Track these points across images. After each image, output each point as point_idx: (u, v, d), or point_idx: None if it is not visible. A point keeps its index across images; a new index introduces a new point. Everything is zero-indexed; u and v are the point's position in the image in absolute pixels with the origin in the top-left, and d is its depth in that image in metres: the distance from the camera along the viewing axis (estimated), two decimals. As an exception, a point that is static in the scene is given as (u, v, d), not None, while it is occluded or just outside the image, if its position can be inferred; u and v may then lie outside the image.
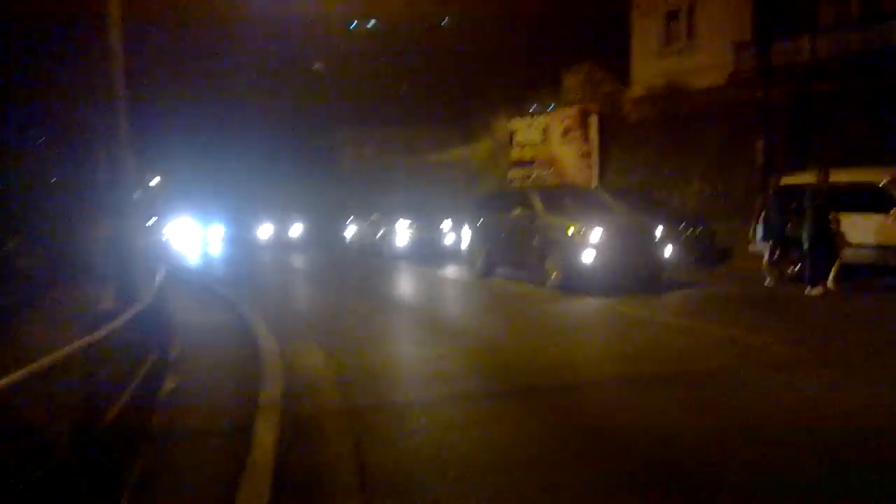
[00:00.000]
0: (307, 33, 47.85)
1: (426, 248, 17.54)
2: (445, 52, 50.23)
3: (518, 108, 24.42)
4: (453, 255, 16.40)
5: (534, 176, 22.37)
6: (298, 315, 10.05)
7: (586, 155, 20.61)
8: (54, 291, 12.66)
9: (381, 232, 18.92)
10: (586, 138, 20.60)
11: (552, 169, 21.69)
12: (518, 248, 11.76)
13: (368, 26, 59.32)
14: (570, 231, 10.35)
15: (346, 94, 48.08)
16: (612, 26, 23.58)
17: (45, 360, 2.86)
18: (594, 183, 20.01)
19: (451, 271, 14.90)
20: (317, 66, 50.22)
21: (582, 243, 10.13)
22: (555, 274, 10.53)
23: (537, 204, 11.39)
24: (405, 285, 14.29)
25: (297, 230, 26.82)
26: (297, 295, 13.65)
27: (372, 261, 18.14)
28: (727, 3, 20.16)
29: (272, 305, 10.71)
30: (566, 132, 21.26)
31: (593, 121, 20.47)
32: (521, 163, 22.94)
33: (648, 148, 19.73)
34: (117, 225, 6.98)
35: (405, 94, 52.17)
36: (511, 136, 23.36)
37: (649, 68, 22.35)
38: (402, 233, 18.00)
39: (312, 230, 26.18)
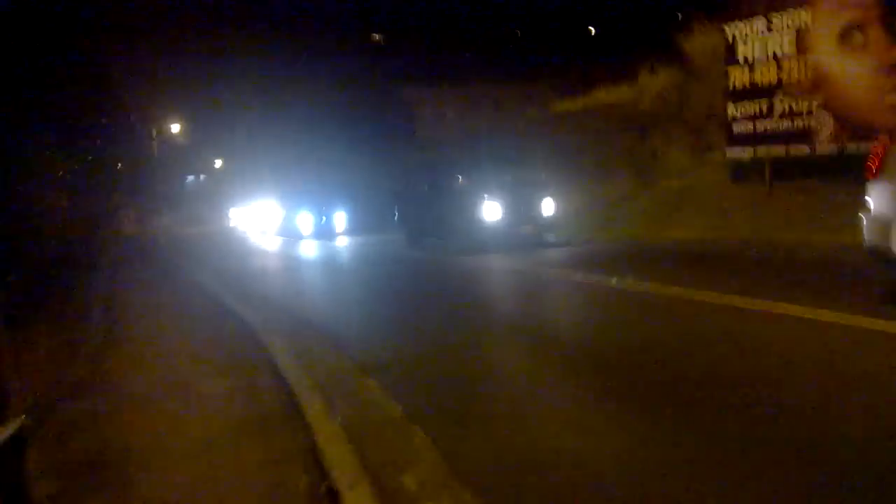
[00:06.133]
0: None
1: None
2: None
3: (726, 13, 15.73)
4: None
5: (779, 112, 13.93)
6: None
7: (897, 67, 12.05)
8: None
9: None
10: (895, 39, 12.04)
11: (820, 97, 13.21)
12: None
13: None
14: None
15: (416, 55, 42.22)
16: None
17: None
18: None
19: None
20: (376, 36, 47.64)
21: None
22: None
23: None
24: None
25: (494, 212, 15.40)
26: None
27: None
28: None
29: None
30: (846, 32, 12.71)
31: (912, 6, 11.87)
32: (750, 92, 14.47)
33: None
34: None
35: (482, 47, 45.84)
36: (730, 50, 14.89)
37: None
38: None
39: (511, 211, 15.45)
